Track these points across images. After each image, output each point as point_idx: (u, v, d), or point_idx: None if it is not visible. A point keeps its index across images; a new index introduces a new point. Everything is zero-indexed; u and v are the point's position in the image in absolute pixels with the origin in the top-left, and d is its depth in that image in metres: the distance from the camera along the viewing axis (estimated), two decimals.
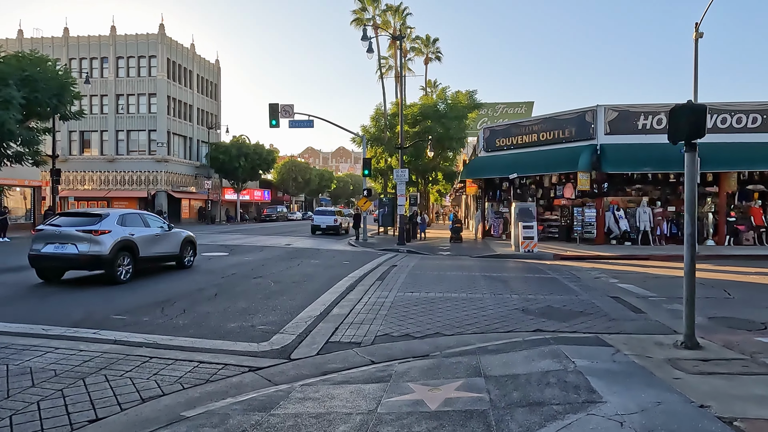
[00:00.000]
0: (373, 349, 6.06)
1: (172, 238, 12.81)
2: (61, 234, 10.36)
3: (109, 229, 10.58)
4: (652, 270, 13.59)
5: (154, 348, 5.94)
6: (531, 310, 8.08)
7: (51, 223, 10.90)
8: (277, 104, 24.14)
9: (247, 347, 6.08)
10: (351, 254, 18.27)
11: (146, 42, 47.88)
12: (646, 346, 5.44)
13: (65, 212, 12.52)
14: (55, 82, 24.41)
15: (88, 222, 10.66)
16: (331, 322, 7.27)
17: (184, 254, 13.21)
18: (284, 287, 10.22)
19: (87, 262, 10.24)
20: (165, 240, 12.48)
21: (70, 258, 10.25)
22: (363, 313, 7.86)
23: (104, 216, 10.94)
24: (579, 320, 7.39)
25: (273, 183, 72.53)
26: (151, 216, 12.75)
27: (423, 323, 7.23)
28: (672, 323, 7.15)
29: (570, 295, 9.34)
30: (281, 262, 14.68)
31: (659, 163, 19.54)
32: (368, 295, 9.26)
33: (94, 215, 11.09)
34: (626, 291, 9.89)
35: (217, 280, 10.99)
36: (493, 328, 6.96)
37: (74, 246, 10.22)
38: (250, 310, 8.05)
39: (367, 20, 34.05)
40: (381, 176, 35.82)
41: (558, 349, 5.37)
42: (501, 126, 25.46)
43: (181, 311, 7.85)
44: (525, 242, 17.92)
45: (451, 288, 10.16)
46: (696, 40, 17.38)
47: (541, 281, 11.27)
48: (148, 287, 10.11)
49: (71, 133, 48.78)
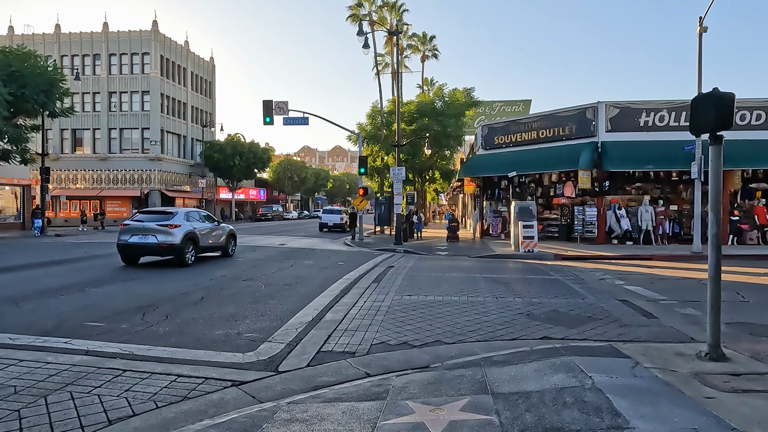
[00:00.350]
0: (368, 360, 5.58)
1: (220, 231, 15.66)
2: (144, 228, 13.19)
3: (180, 223, 13.39)
4: (657, 271, 13.16)
5: (129, 359, 5.44)
6: (536, 315, 7.61)
7: (134, 219, 13.90)
8: (271, 101, 23.62)
9: (232, 358, 5.58)
10: (346, 254, 17.78)
11: (139, 39, 47.22)
12: (667, 357, 4.98)
13: (143, 210, 16.01)
14: (43, 78, 23.84)
15: (164, 218, 13.53)
16: (324, 329, 6.79)
17: (229, 245, 16.04)
18: (275, 290, 9.72)
19: (164, 249, 13.05)
20: (216, 233, 15.35)
21: (151, 246, 13.08)
22: (358, 318, 7.39)
23: (175, 213, 13.94)
24: (588, 326, 6.93)
25: (268, 182, 71.94)
26: (206, 213, 15.76)
27: (422, 330, 6.76)
28: (688, 329, 6.70)
29: (576, 299, 8.88)
30: (274, 263, 14.18)
31: (662, 161, 19.15)
32: (364, 299, 8.78)
33: (168, 212, 14.02)
34: (634, 294, 9.44)
35: (205, 283, 10.48)
36: (498, 336, 6.50)
37: (154, 237, 13.02)
38: (238, 315, 7.56)
39: (363, 16, 33.56)
40: (377, 175, 35.35)
41: (571, 361, 4.90)
42: (500, 123, 25.02)
43: (163, 317, 7.35)
44: (525, 242, 17.48)
45: (451, 291, 9.69)
46: (700, 35, 16.93)
47: (544, 283, 10.81)
48: (131, 290, 9.61)
49: (63, 131, 48.07)
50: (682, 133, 19.28)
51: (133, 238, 13.10)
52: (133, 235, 13.14)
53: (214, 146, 51.14)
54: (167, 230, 13.08)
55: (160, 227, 13.12)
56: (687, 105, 19.58)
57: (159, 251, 13.21)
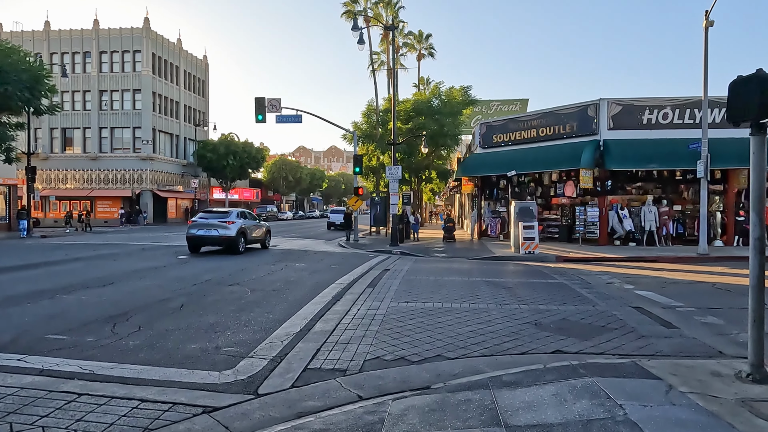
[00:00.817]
0: (361, 379, 4.93)
1: (261, 228, 19.21)
2: (209, 224, 16.76)
3: (234, 220, 16.92)
4: (665, 274, 12.56)
5: (88, 380, 4.77)
6: (545, 324, 6.98)
7: (200, 217, 17.59)
8: (263, 98, 22.91)
9: (207, 378, 4.92)
10: (340, 256, 17.12)
11: (130, 36, 46.40)
12: (703, 379, 4.35)
13: (206, 210, 20.14)
14: (27, 74, 23.04)
15: (222, 216, 17.23)
16: (313, 342, 6.13)
17: (266, 239, 19.50)
18: (262, 296, 9.05)
19: (223, 240, 16.54)
20: (258, 229, 18.84)
21: (213, 238, 16.59)
22: (351, 328, 6.74)
23: (231, 212, 17.64)
24: (603, 338, 6.31)
25: (263, 182, 71.21)
26: (250, 212, 19.70)
27: (421, 342, 6.12)
28: (714, 342, 6.09)
29: (586, 305, 8.26)
30: (263, 266, 13.49)
31: (666, 160, 18.61)
32: (357, 306, 8.12)
33: (225, 212, 17.93)
34: (647, 300, 8.83)
35: (188, 288, 9.79)
36: (504, 349, 5.86)
37: (216, 231, 16.51)
38: (219, 326, 6.89)
39: (359, 12, 32.88)
40: (373, 174, 34.65)
41: (593, 384, 4.27)
42: (498, 121, 24.41)
43: (135, 328, 6.67)
44: (526, 243, 16.87)
45: (451, 296, 9.05)
46: (706, 29, 16.36)
47: (549, 288, 10.19)
48: (106, 297, 8.91)
49: (53, 130, 47.21)
50: (686, 130, 18.76)
51: (199, 231, 16.70)
52: (199, 229, 16.77)
53: (207, 146, 50.31)
54: (226, 225, 16.57)
55: (220, 223, 16.63)
56: (691, 102, 19.04)
57: (219, 242, 16.62)
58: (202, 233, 16.55)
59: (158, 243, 21.40)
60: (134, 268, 12.75)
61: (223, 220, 16.70)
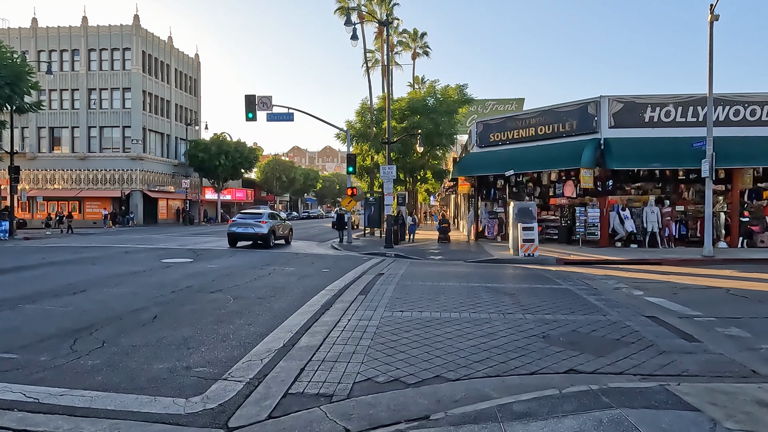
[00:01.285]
0: (349, 407, 4.27)
1: (285, 225, 22.79)
2: (246, 222, 20.27)
3: (266, 220, 20.42)
4: (674, 278, 11.96)
5: (30, 411, 4.09)
6: (554, 337, 6.34)
7: (239, 217, 20.97)
8: (254, 95, 22.19)
9: (170, 407, 4.25)
10: (332, 259, 16.43)
11: (120, 33, 45.51)
12: (749, 410, 3.72)
13: (243, 211, 24.32)
14: (8, 71, 22.26)
15: (256, 216, 20.85)
16: (296, 360, 5.46)
17: (289, 236, 23.02)
18: (245, 305, 8.35)
19: (257, 236, 19.95)
20: (283, 226, 22.37)
21: (250, 234, 20.03)
22: (340, 343, 6.07)
23: (263, 213, 21.24)
24: (620, 353, 5.67)
25: (256, 182, 70.38)
26: (278, 213, 23.81)
27: (418, 359, 5.46)
28: (744, 359, 5.46)
29: (596, 315, 7.62)
30: (250, 271, 12.78)
31: (669, 159, 18.05)
32: (348, 317, 7.45)
33: (259, 213, 21.58)
34: (660, 308, 8.21)
35: (166, 296, 9.08)
36: (512, 368, 5.21)
37: (252, 228, 19.99)
38: (193, 341, 6.20)
39: (352, 9, 32.21)
40: (367, 174, 34.01)
41: (622, 418, 3.62)
42: (495, 120, 23.78)
43: (98, 344, 5.97)
44: (525, 245, 16.25)
45: (450, 304, 8.39)
46: (711, 23, 15.80)
47: (553, 294, 9.55)
48: (73, 306, 8.19)
49: (40, 129, 46.25)
50: (690, 128, 18.22)
51: (238, 229, 20.23)
52: (238, 227, 20.28)
53: (198, 145, 49.46)
54: (260, 224, 20.12)
55: (255, 222, 20.18)
56: (695, 99, 18.50)
57: (254, 238, 20.05)
58: (241, 230, 20.14)
59: (143, 245, 20.62)
60: (113, 272, 12.00)
61: (257, 220, 20.31)
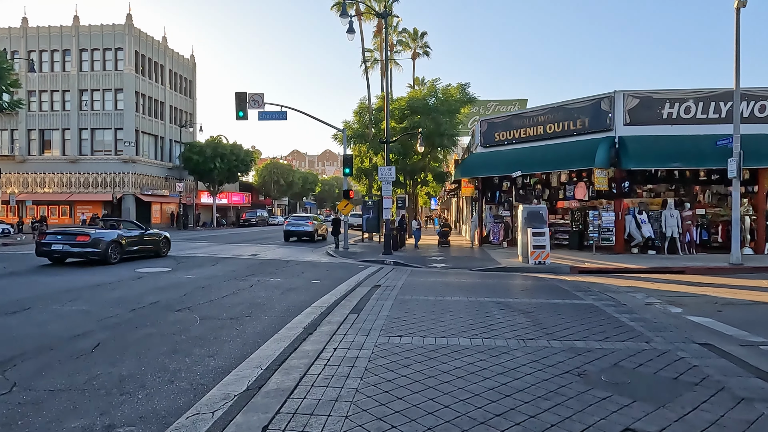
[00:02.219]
0: None
1: (324, 225, 30.78)
2: (297, 223, 28.25)
3: (312, 221, 28.39)
4: (709, 290, 10.60)
5: None
6: (593, 375, 4.99)
7: (293, 219, 29.36)
8: (245, 93, 20.89)
9: None
10: (325, 268, 15.08)
11: (112, 33, 44.33)
12: None
13: (294, 215, 34.00)
14: None
15: (305, 218, 29.30)
16: (260, 413, 4.11)
17: (325, 234, 30.01)
18: (212, 329, 6.99)
19: (306, 234, 27.64)
20: (322, 226, 30.11)
21: (302, 232, 27.69)
22: (320, 384, 4.72)
23: (309, 217, 29.88)
24: (685, 401, 4.32)
25: (254, 186, 69.13)
26: (319, 216, 38.78)
27: (420, 410, 4.12)
28: None
29: (636, 341, 6.27)
30: (230, 282, 11.41)
31: (690, 158, 16.74)
32: (334, 344, 6.10)
33: (306, 216, 30.44)
34: (711, 331, 6.86)
35: (122, 316, 7.70)
36: (546, 426, 3.85)
37: (302, 228, 27.80)
38: (131, 381, 4.85)
39: (350, 5, 30.90)
40: (365, 177, 32.64)
41: None
42: (501, 118, 22.47)
43: (6, 388, 4.61)
44: (535, 252, 14.92)
45: (457, 326, 7.04)
46: (737, 9, 14.51)
47: (578, 312, 8.19)
48: (5, 333, 6.84)
49: (30, 131, 45.03)
50: (711, 125, 16.92)
51: (292, 227, 27.71)
52: (292, 226, 27.80)
53: (193, 148, 48.20)
54: (307, 225, 27.89)
55: (304, 223, 28.07)
56: (717, 94, 17.19)
57: (304, 235, 27.57)
58: (294, 229, 27.62)
59: None
60: (73, 285, 10.63)
61: (305, 221, 28.37)
